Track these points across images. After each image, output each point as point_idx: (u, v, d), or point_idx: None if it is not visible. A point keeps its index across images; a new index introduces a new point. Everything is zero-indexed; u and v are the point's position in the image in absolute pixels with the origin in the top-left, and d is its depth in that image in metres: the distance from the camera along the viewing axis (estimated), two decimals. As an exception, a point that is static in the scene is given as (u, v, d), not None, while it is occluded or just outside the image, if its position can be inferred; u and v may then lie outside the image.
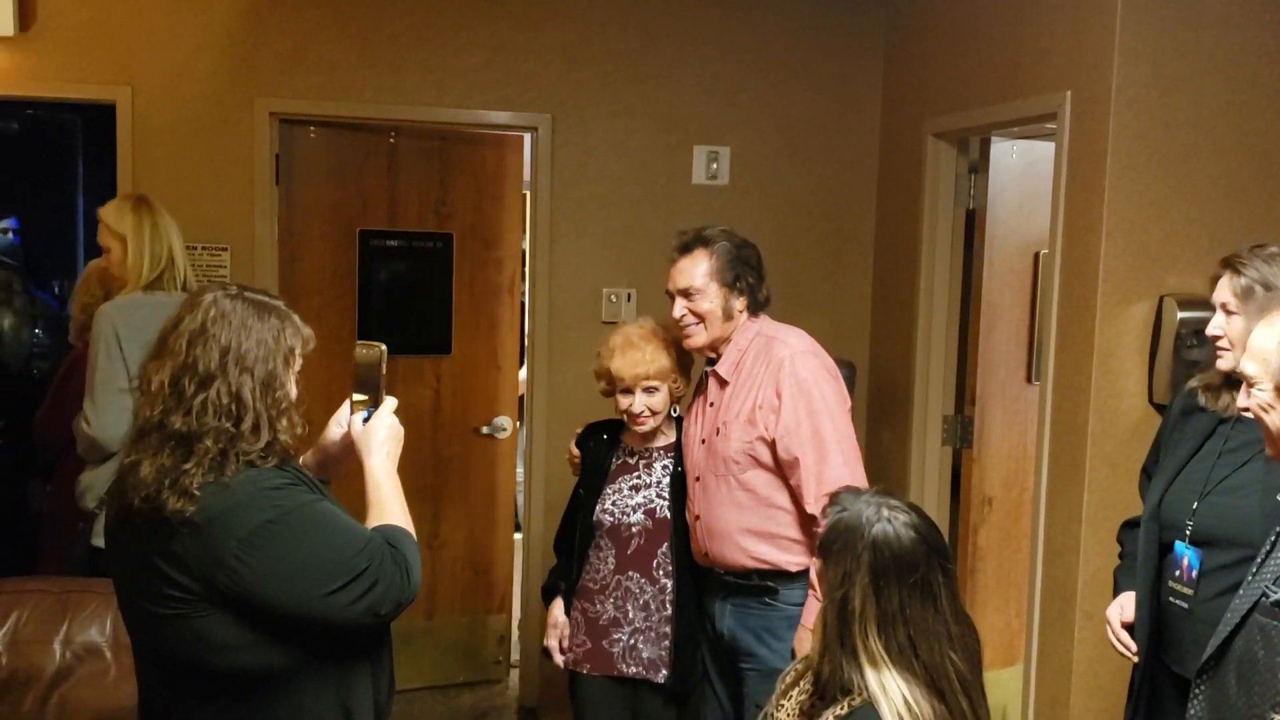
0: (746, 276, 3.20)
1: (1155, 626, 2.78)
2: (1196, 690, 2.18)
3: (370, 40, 4.71)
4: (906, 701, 2.07)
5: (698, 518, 3.21)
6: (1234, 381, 2.74)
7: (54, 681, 3.16)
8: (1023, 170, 4.65)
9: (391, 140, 5.06)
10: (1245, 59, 3.48)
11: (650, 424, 3.26)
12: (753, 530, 3.12)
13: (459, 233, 5.17)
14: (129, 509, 2.03)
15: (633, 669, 3.26)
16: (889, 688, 2.07)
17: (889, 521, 2.11)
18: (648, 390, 3.22)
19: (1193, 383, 2.88)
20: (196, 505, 1.97)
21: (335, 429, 2.38)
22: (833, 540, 2.16)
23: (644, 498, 3.29)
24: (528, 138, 4.94)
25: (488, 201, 5.20)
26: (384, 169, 5.08)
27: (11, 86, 4.54)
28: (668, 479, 3.30)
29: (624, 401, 3.25)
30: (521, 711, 5.06)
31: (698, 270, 3.18)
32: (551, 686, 4.94)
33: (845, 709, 2.13)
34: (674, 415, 3.39)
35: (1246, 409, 2.17)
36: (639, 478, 3.32)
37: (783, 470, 3.08)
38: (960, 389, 4.72)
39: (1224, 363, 2.71)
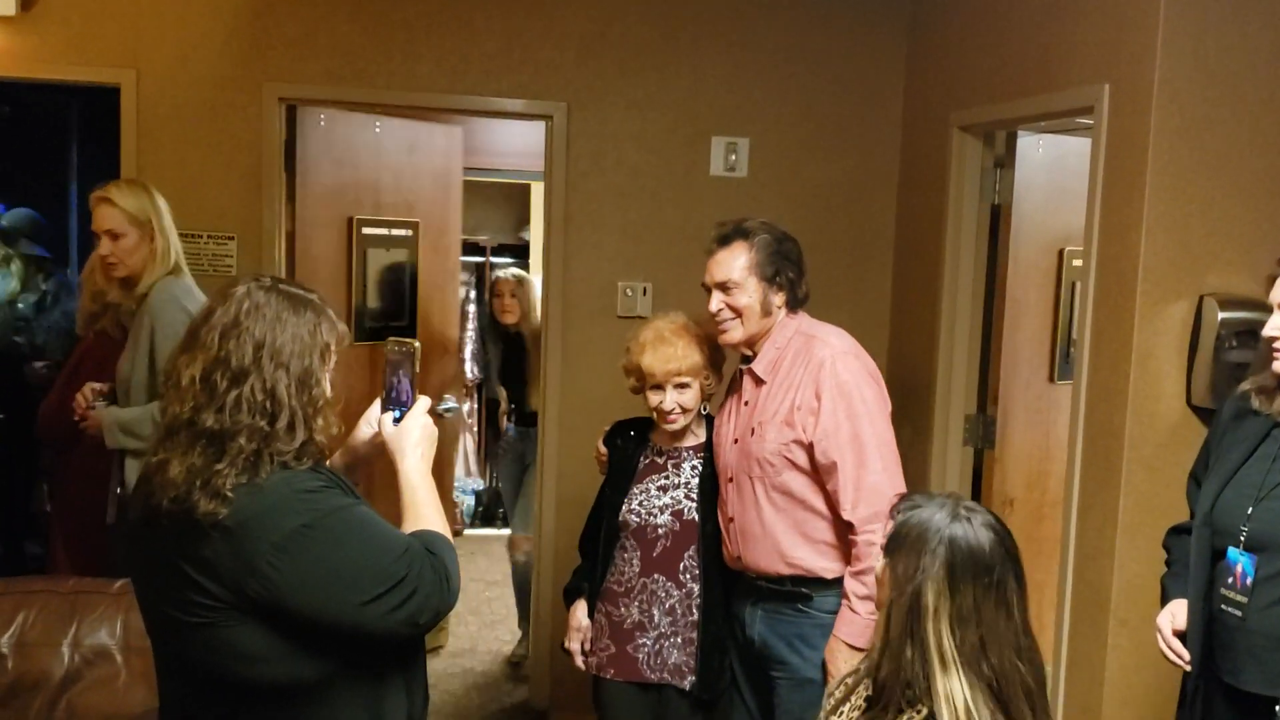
0: (787, 271, 3.10)
1: (1207, 635, 2.69)
2: None
3: (383, 25, 4.60)
4: (968, 708, 2.00)
5: (731, 520, 3.12)
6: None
7: (62, 685, 3.08)
8: (1049, 165, 4.56)
9: (377, 128, 5.02)
10: (1291, 53, 3.39)
11: (681, 422, 3.17)
12: (787, 534, 3.02)
13: (423, 219, 5.28)
14: (156, 510, 1.93)
15: (657, 675, 3.16)
16: (953, 692, 2.01)
17: (967, 520, 2.07)
18: (679, 387, 3.13)
19: (1245, 385, 2.80)
20: (229, 508, 1.88)
21: (365, 429, 2.29)
22: (905, 535, 2.10)
23: (671, 498, 3.19)
24: (542, 126, 4.83)
25: (440, 189, 5.29)
26: (373, 155, 5.06)
27: (12, 68, 4.43)
28: (696, 480, 3.20)
29: (654, 398, 3.15)
30: (531, 713, 4.97)
31: (736, 263, 3.07)
32: (562, 686, 4.85)
33: None
34: (704, 414, 3.29)
35: None
36: (667, 478, 3.23)
37: (819, 474, 2.98)
38: (983, 388, 4.63)
39: (1277, 364, 2.62)
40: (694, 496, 3.18)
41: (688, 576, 3.16)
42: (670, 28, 4.77)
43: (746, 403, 3.13)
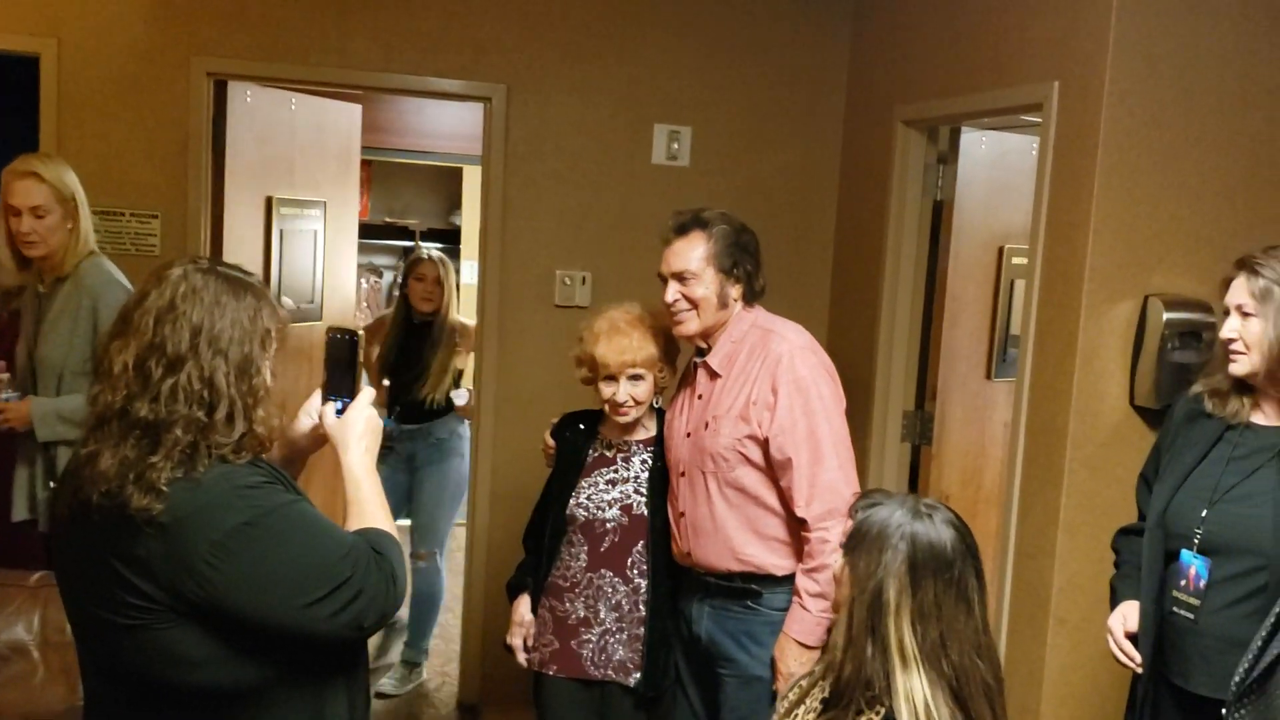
0: (744, 264, 3.05)
1: (1157, 638, 2.68)
2: (1236, 713, 2.08)
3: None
4: (928, 706, 1.98)
5: (682, 515, 3.06)
6: (1244, 387, 2.66)
7: (-26, 684, 2.94)
8: (991, 162, 4.55)
9: (293, 105, 4.91)
10: (1239, 55, 3.39)
11: (633, 415, 3.10)
12: (739, 531, 2.97)
13: (329, 199, 5.18)
14: (86, 505, 1.82)
15: (601, 672, 3.10)
16: (913, 690, 2.00)
17: (928, 517, 2.07)
18: (632, 379, 3.06)
19: (1197, 387, 2.79)
20: (164, 503, 1.77)
21: (305, 420, 2.19)
22: (866, 532, 2.08)
23: (621, 493, 3.12)
24: (480, 108, 4.73)
25: (340, 168, 5.23)
26: (288, 132, 4.94)
27: (-76, 35, 4.23)
28: (646, 474, 3.14)
29: (606, 390, 3.07)
30: (461, 708, 4.87)
31: (694, 253, 3.01)
32: (493, 683, 4.77)
33: None
34: (656, 407, 3.22)
35: None
36: (616, 472, 3.16)
37: (773, 470, 2.93)
38: (921, 384, 4.61)
39: (1239, 367, 2.62)
40: (643, 491, 3.12)
41: (635, 572, 3.10)
42: (614, 12, 4.69)
43: (700, 396, 3.07)
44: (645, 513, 3.10)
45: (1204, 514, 2.59)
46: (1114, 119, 3.35)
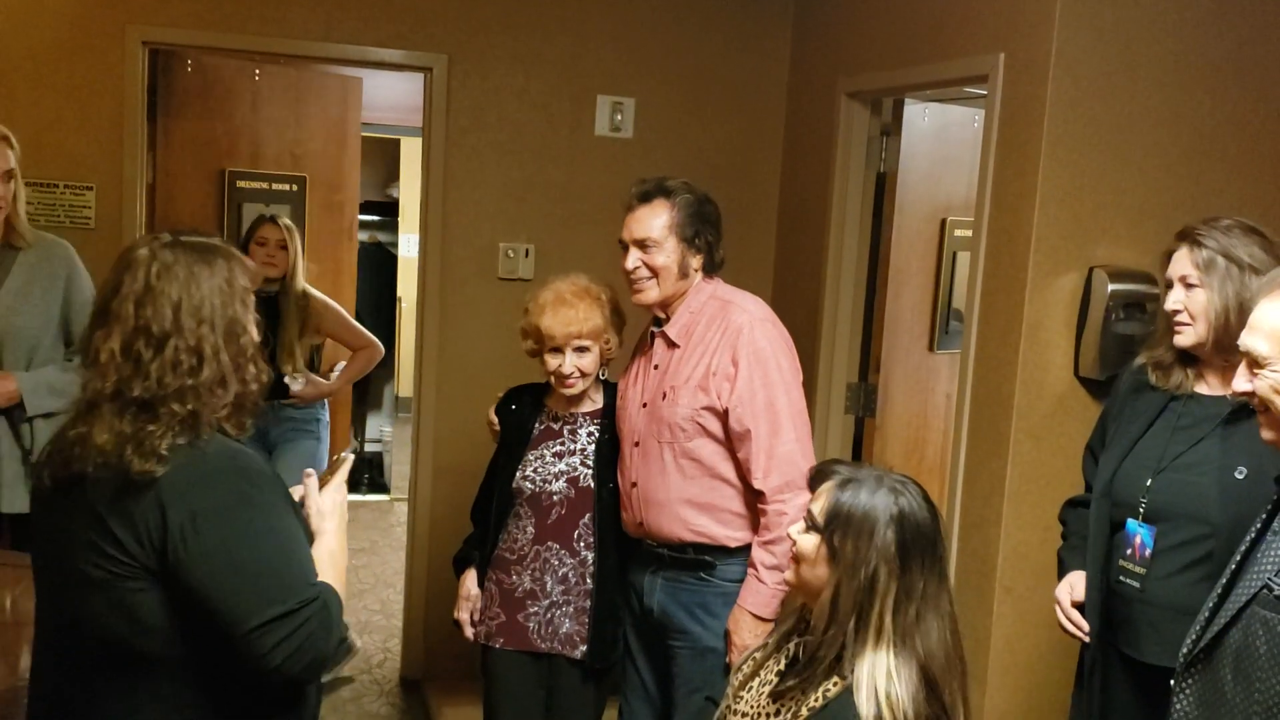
0: (706, 234, 3.03)
1: (1105, 607, 2.71)
2: (1184, 683, 2.10)
3: (254, -34, 4.36)
4: (890, 675, 1.99)
5: (634, 485, 3.04)
6: (1187, 358, 2.69)
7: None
8: (934, 134, 4.58)
9: (256, 77, 4.78)
10: (1184, 28, 3.42)
11: (579, 386, 3.08)
12: (694, 502, 2.96)
13: (311, 175, 5.02)
14: (77, 476, 1.88)
15: (548, 645, 3.09)
16: (878, 662, 2.00)
17: (910, 497, 2.06)
18: (578, 350, 3.04)
19: (1141, 359, 2.82)
20: (165, 466, 1.84)
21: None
22: (849, 515, 2.06)
23: (567, 465, 3.11)
24: (421, 78, 4.66)
25: (334, 144, 5.06)
26: (248, 106, 4.80)
27: None
28: (593, 447, 3.12)
29: (552, 362, 3.05)
30: (404, 683, 4.84)
31: (657, 221, 2.99)
32: (436, 658, 4.74)
33: (820, 700, 2.04)
34: (602, 379, 3.21)
35: (1246, 392, 2.07)
36: (563, 444, 3.13)
37: (731, 442, 2.93)
38: (864, 356, 4.63)
39: (1184, 339, 2.64)
40: (590, 464, 3.10)
41: (582, 545, 3.09)
42: (556, -19, 4.64)
43: (657, 366, 3.06)
44: (592, 485, 3.09)
45: (1149, 483, 2.62)
46: (1059, 91, 3.37)
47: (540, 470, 3.10)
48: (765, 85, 4.91)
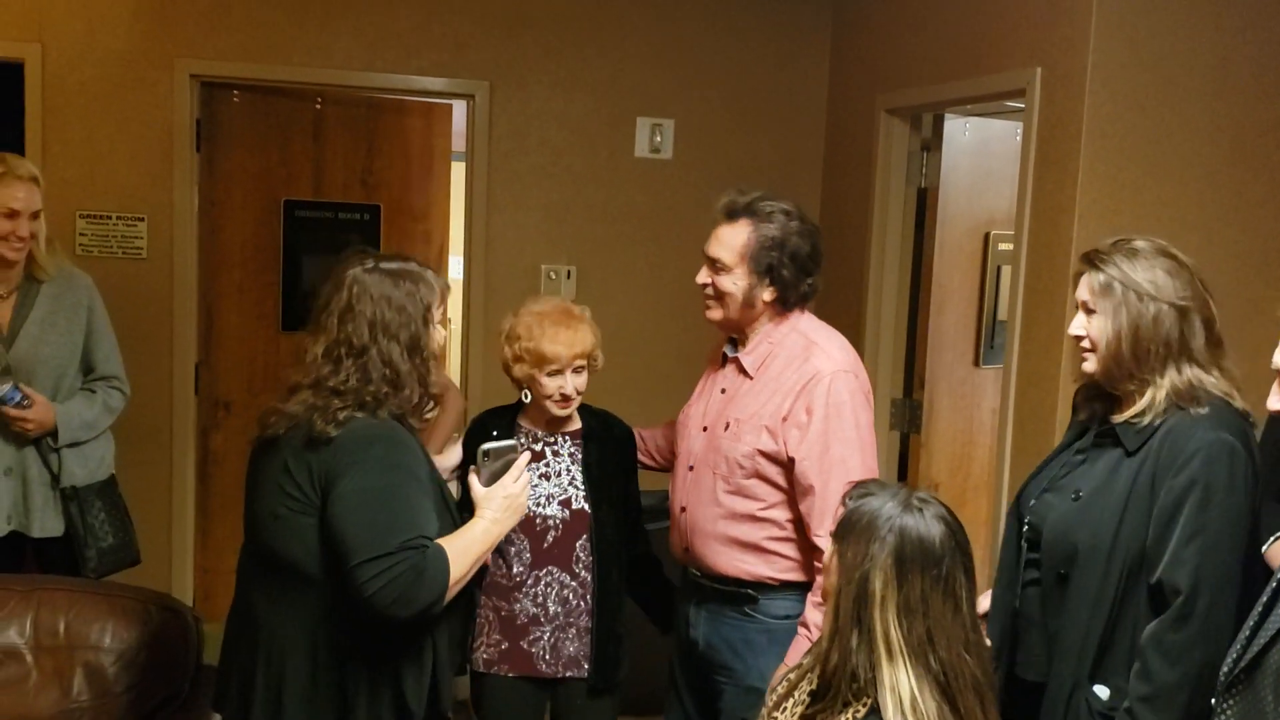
0: (783, 268, 2.80)
1: (1010, 625, 2.59)
2: (1224, 704, 2.07)
3: (299, -1, 4.45)
4: (914, 699, 1.97)
5: (683, 509, 2.98)
6: (1098, 389, 2.52)
7: (-32, 689, 2.94)
8: (975, 148, 4.56)
9: (318, 106, 4.81)
10: (1220, 39, 3.40)
11: (574, 405, 3.05)
12: (740, 541, 2.87)
13: (386, 204, 4.96)
14: (274, 438, 2.34)
15: (553, 669, 3.04)
16: (899, 683, 1.97)
17: (919, 511, 2.03)
18: (577, 371, 3.00)
19: (1078, 382, 2.66)
20: (341, 430, 2.26)
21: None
22: (855, 522, 2.05)
23: (557, 487, 3.05)
24: (463, 105, 4.72)
25: (416, 172, 5.00)
26: (309, 136, 4.83)
27: (-93, 42, 4.21)
28: (579, 468, 3.07)
29: (552, 384, 2.98)
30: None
31: (733, 244, 2.81)
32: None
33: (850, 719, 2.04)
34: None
35: None
36: (548, 465, 3.07)
37: (791, 489, 2.81)
38: (909, 372, 4.63)
39: (1088, 365, 2.46)
40: (579, 484, 3.05)
41: (580, 567, 3.03)
42: (594, 6, 4.69)
43: (723, 390, 2.96)
44: (586, 507, 3.03)
45: (1031, 504, 2.55)
46: (1097, 104, 3.36)
47: (530, 493, 2.97)
48: (804, 103, 4.93)
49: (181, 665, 3.09)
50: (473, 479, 2.52)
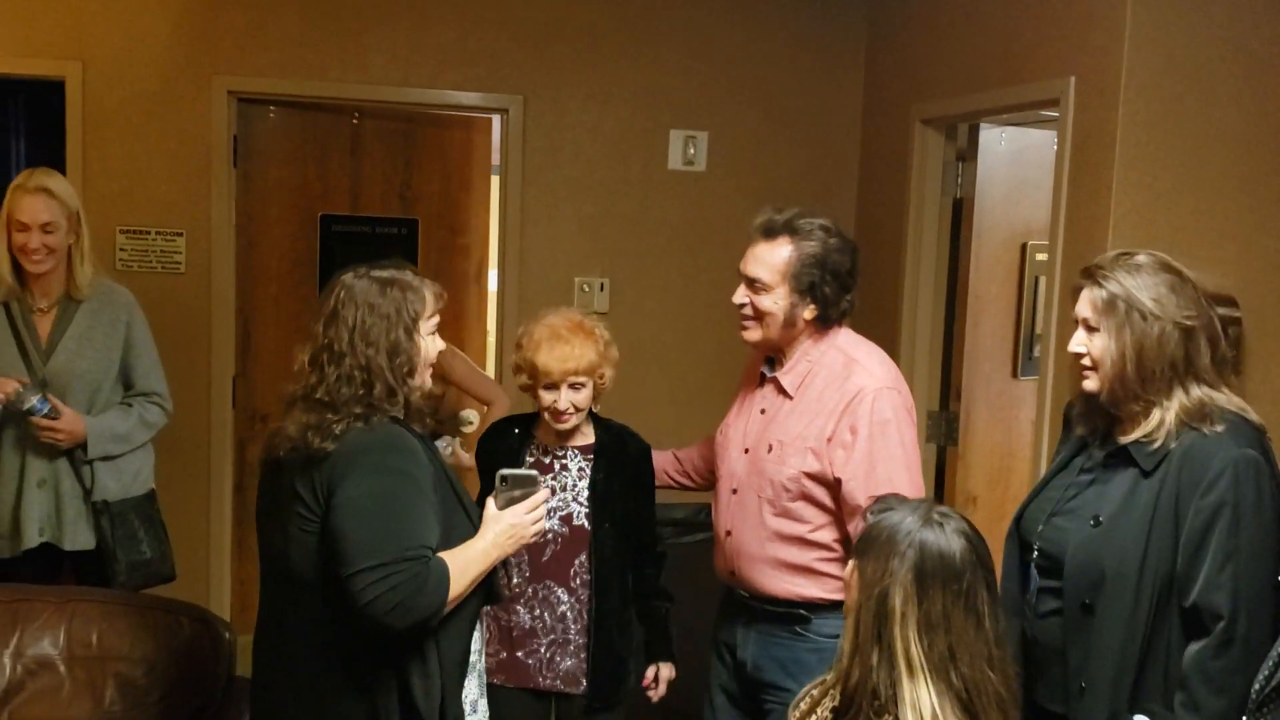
0: (825, 286, 2.77)
1: (1023, 651, 2.52)
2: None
3: (334, 15, 4.50)
4: (935, 716, 1.95)
5: (728, 533, 2.94)
6: (1095, 402, 2.45)
7: (3, 698, 3.00)
8: (1012, 158, 4.53)
9: (355, 121, 4.84)
10: (1257, 47, 3.36)
11: (574, 421, 2.98)
12: (788, 563, 2.83)
13: (424, 218, 4.97)
14: (277, 459, 2.36)
15: (549, 681, 3.02)
16: (920, 700, 1.95)
17: (939, 526, 2.00)
18: (573, 387, 2.94)
19: (1073, 397, 2.61)
20: (339, 443, 2.26)
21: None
22: (875, 537, 2.03)
23: (560, 501, 3.01)
24: (498, 119, 4.74)
25: (454, 186, 5.00)
26: (346, 151, 4.86)
27: (-46, 61, 4.29)
28: (585, 483, 3.03)
29: (547, 398, 2.95)
30: None
31: (772, 262, 2.77)
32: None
33: None
34: (593, 411, 3.11)
35: None
36: (555, 478, 3.04)
37: (835, 508, 2.78)
38: (945, 384, 4.59)
39: (1090, 384, 2.39)
40: (583, 500, 3.01)
41: (578, 583, 3.00)
42: (628, 18, 4.70)
43: (763, 411, 2.92)
44: (587, 525, 2.99)
45: (1039, 529, 2.48)
46: (1131, 113, 3.32)
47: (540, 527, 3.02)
48: (839, 114, 4.92)
49: (212, 676, 3.11)
50: (489, 500, 2.50)
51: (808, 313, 2.79)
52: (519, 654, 3.02)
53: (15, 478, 3.44)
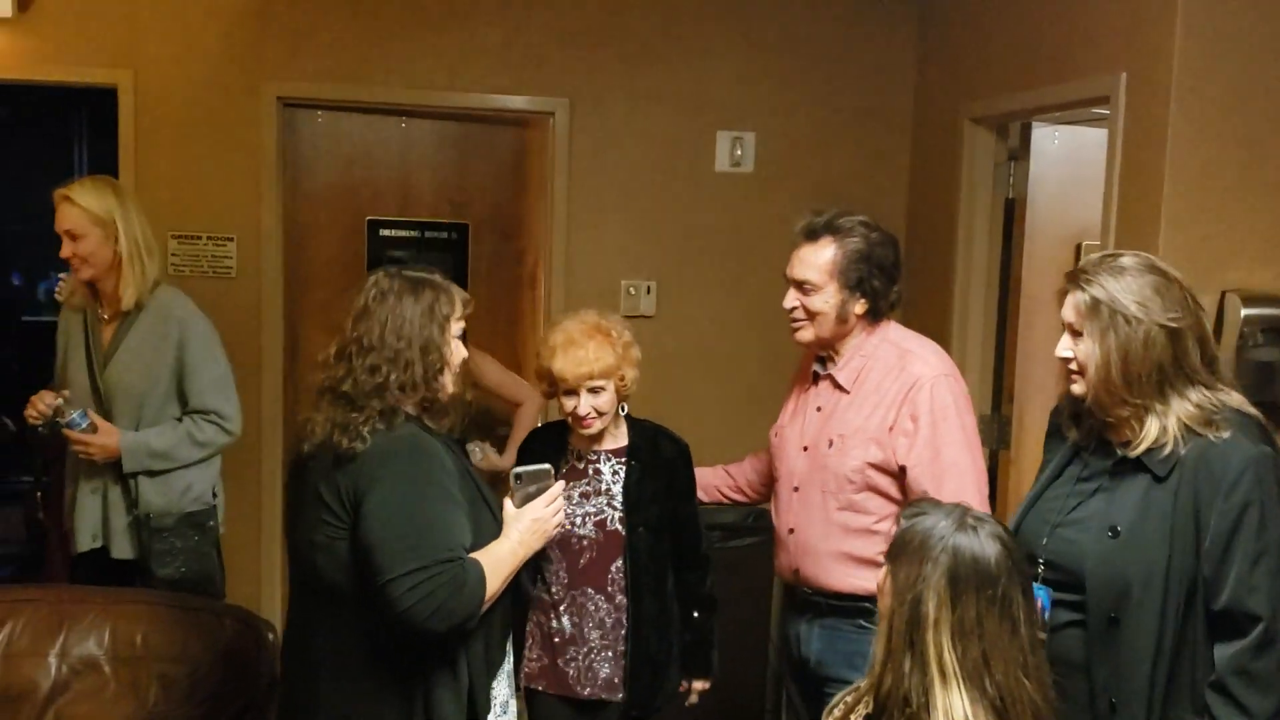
0: (873, 280, 2.85)
1: None
2: None
3: (381, 20, 4.52)
4: None
5: (791, 531, 2.95)
6: (1084, 410, 2.42)
7: (49, 697, 3.06)
8: (1065, 157, 4.45)
9: (403, 125, 4.84)
10: (1314, 39, 3.27)
11: (597, 426, 2.97)
12: (854, 556, 2.85)
13: (475, 223, 4.96)
14: (302, 457, 2.41)
15: (588, 690, 3.01)
16: (953, 707, 1.92)
17: (973, 530, 1.98)
18: (592, 391, 2.93)
19: (1060, 401, 2.56)
20: (365, 445, 2.30)
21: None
22: (908, 542, 2.01)
23: (594, 506, 3.00)
24: (544, 123, 4.73)
25: (508, 189, 4.96)
26: (394, 155, 4.86)
27: (10, 70, 4.37)
28: (619, 486, 3.01)
29: (568, 403, 2.95)
30: None
31: (819, 262, 2.84)
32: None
33: None
34: (623, 413, 3.09)
35: None
36: (588, 484, 3.03)
37: (904, 498, 2.80)
38: (997, 387, 4.52)
39: (1078, 388, 2.35)
40: (618, 505, 3.00)
41: (615, 589, 3.00)
42: (674, 19, 4.68)
43: (819, 409, 2.96)
44: (620, 529, 2.98)
45: (1045, 541, 2.41)
46: (1183, 109, 3.25)
47: (568, 512, 2.96)
48: (889, 114, 4.86)
49: (255, 677, 3.15)
50: (507, 500, 2.55)
51: (858, 307, 2.87)
52: (558, 661, 3.02)
53: (74, 483, 3.52)
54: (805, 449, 2.94)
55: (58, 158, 6.79)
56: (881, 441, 2.81)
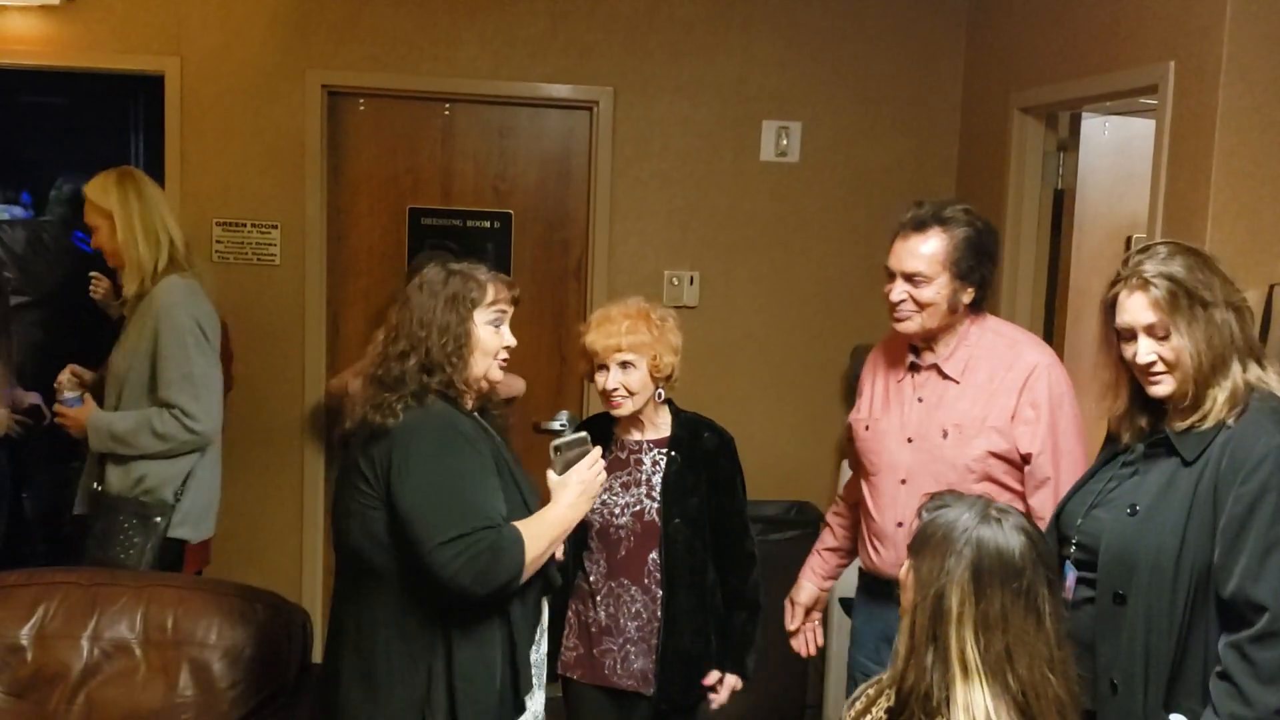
0: (983, 268, 2.85)
1: None
2: None
3: (425, 8, 4.53)
4: (989, 718, 1.88)
5: (900, 524, 2.88)
6: (1147, 403, 2.34)
7: (81, 679, 3.06)
8: (1116, 148, 4.37)
9: (446, 113, 4.81)
10: (1371, 26, 3.17)
11: (627, 406, 2.94)
12: None
13: (518, 212, 4.92)
14: (345, 434, 2.55)
15: (623, 682, 3.00)
16: (974, 702, 1.89)
17: (997, 522, 1.95)
18: (623, 365, 2.91)
19: (1115, 414, 2.49)
20: (398, 420, 2.41)
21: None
22: (931, 535, 1.98)
23: (633, 496, 2.98)
24: (589, 112, 4.71)
25: (552, 178, 4.93)
26: (437, 144, 4.83)
27: (58, 57, 4.44)
28: (659, 477, 2.99)
29: (600, 380, 2.94)
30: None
31: (929, 253, 2.81)
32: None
33: None
34: (660, 399, 3.04)
35: None
36: (629, 474, 3.01)
37: (1018, 487, 2.81)
38: (1045, 381, 4.43)
39: (1162, 388, 2.27)
40: (656, 496, 2.98)
41: (651, 581, 2.98)
42: (719, 7, 4.64)
43: (921, 399, 2.93)
44: (657, 520, 2.96)
45: (1079, 522, 2.39)
46: (1232, 98, 3.16)
47: (608, 502, 2.97)
48: (938, 103, 4.79)
49: (286, 663, 3.15)
50: (549, 471, 2.58)
51: (967, 296, 2.86)
52: (594, 650, 3.02)
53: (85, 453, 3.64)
54: (910, 441, 2.91)
55: (117, 147, 6.86)
56: (1004, 430, 2.81)
